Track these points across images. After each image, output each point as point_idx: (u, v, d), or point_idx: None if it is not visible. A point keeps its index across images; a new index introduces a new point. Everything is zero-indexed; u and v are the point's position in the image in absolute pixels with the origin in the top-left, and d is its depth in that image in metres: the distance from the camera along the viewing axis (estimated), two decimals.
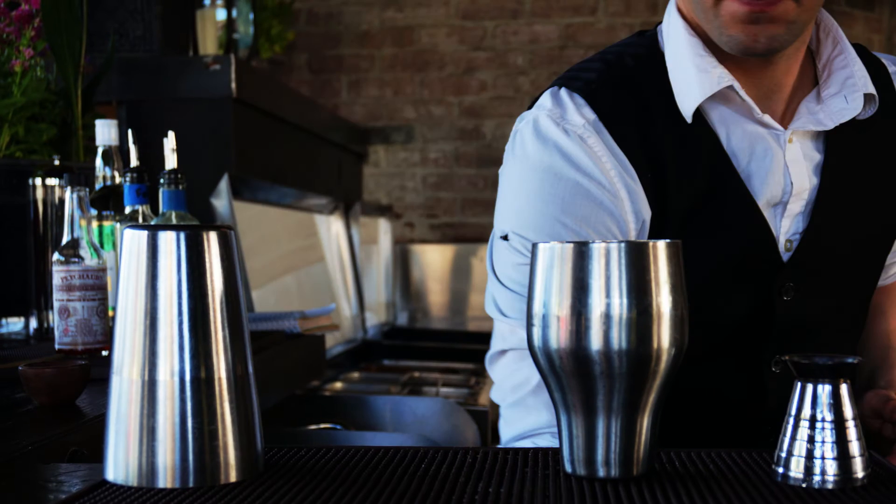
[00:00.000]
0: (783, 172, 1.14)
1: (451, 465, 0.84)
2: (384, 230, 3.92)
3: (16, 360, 1.29)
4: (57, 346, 1.40)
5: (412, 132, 4.48)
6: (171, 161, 1.54)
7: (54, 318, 1.41)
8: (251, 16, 3.07)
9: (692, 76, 1.12)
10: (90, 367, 1.17)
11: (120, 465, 0.80)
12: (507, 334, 1.19)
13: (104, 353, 1.41)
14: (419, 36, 4.49)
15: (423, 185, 4.52)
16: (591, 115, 1.14)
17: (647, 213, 1.13)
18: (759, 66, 1.14)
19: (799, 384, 0.79)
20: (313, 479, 0.81)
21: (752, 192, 1.14)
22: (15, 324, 1.76)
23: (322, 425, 2.14)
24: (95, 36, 2.23)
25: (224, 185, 2.19)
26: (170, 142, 1.55)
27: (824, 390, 0.77)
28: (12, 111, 1.81)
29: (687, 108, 1.13)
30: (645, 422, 0.80)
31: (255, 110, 2.42)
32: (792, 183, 1.14)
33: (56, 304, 1.40)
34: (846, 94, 1.15)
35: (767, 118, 1.14)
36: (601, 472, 0.80)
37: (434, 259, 4.15)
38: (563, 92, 1.17)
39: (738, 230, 1.14)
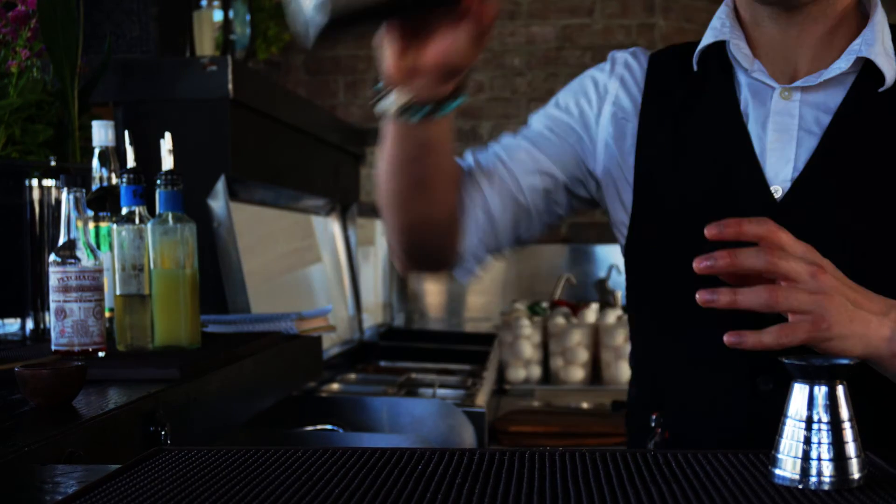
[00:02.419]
0: (766, 123, 1.22)
1: (448, 467, 0.85)
2: (381, 231, 3.92)
3: (12, 362, 1.29)
4: (53, 348, 1.40)
5: None
6: (167, 162, 1.54)
7: (51, 320, 1.41)
8: (248, 17, 3.07)
9: (708, 33, 1.28)
10: (87, 368, 1.17)
11: None
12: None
13: (101, 354, 1.41)
14: None
15: None
16: (644, 55, 1.35)
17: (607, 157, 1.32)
18: (779, 30, 1.24)
19: (795, 385, 0.79)
20: (310, 480, 0.81)
21: (751, 133, 1.23)
22: (11, 325, 1.76)
23: (319, 426, 2.14)
24: (92, 37, 2.23)
25: (221, 186, 2.19)
26: (166, 143, 1.55)
27: (821, 391, 0.78)
28: (8, 112, 1.81)
29: (694, 55, 1.28)
30: None
31: (251, 111, 2.42)
32: (774, 132, 1.21)
33: (52, 306, 1.40)
34: (846, 57, 1.20)
35: (759, 74, 1.24)
36: None
37: None
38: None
39: (731, 165, 1.23)
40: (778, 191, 1.20)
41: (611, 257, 4.03)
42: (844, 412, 0.78)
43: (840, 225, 1.18)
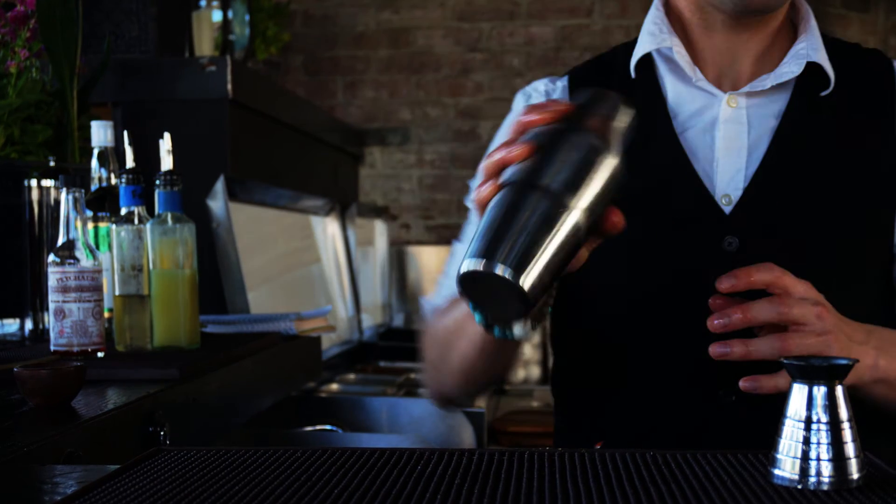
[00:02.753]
0: (714, 131, 1.20)
1: (448, 467, 0.85)
2: (380, 232, 3.92)
3: (11, 362, 1.29)
4: (52, 348, 1.40)
5: (408, 134, 4.48)
6: (166, 162, 1.53)
7: (50, 320, 1.41)
8: (247, 17, 3.07)
9: (643, 38, 1.24)
10: (86, 368, 1.17)
11: None
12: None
13: (100, 354, 1.41)
14: (415, 37, 4.49)
15: (419, 186, 4.52)
16: (561, 83, 1.30)
17: None
18: (724, 36, 1.22)
19: (794, 385, 0.79)
20: (309, 480, 0.81)
21: (686, 147, 1.20)
22: (10, 325, 1.76)
23: (318, 427, 2.14)
24: (91, 37, 2.23)
25: (220, 186, 2.19)
26: (165, 143, 1.55)
27: (820, 391, 0.78)
28: (8, 112, 1.81)
29: (631, 63, 1.24)
30: None
31: (251, 112, 2.42)
32: (723, 140, 1.20)
33: (51, 306, 1.40)
34: (792, 62, 1.20)
35: (704, 83, 1.21)
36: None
37: (430, 260, 4.14)
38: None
39: (674, 180, 1.21)
40: (729, 199, 1.18)
41: None
42: (843, 412, 0.78)
43: (794, 229, 1.18)
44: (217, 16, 2.84)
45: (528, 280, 0.83)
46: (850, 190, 1.19)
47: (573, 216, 0.85)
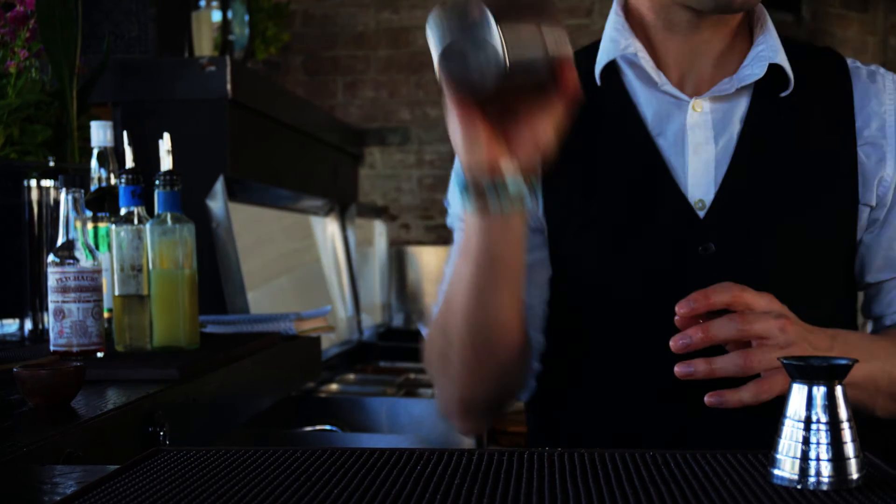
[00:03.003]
0: (683, 136, 1.20)
1: (447, 467, 0.85)
2: (380, 232, 3.92)
3: (11, 362, 1.29)
4: (52, 348, 1.40)
5: (408, 134, 4.48)
6: (166, 163, 1.53)
7: (49, 320, 1.41)
8: (246, 17, 3.07)
9: (606, 44, 1.24)
10: (85, 368, 1.17)
11: None
12: None
13: (99, 354, 1.41)
14: (415, 37, 4.49)
15: (418, 186, 4.52)
16: None
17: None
18: (686, 37, 1.21)
19: (794, 385, 0.79)
20: (308, 480, 0.81)
21: (661, 149, 1.20)
22: (10, 325, 1.76)
23: (318, 427, 2.14)
24: (91, 37, 2.23)
25: (220, 186, 2.19)
26: (165, 143, 1.55)
27: (819, 391, 0.78)
28: (7, 112, 1.81)
29: (596, 69, 1.23)
30: None
31: (250, 112, 2.42)
32: (692, 145, 1.19)
33: (51, 306, 1.40)
34: (754, 64, 1.20)
35: (669, 87, 1.20)
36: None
37: (430, 260, 4.14)
38: None
39: (647, 185, 1.20)
40: (703, 204, 1.19)
41: None
42: (843, 412, 0.78)
43: (765, 231, 1.19)
44: (217, 16, 2.84)
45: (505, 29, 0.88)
46: (814, 189, 1.20)
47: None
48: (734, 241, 1.18)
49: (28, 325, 1.74)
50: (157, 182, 1.52)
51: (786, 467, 0.78)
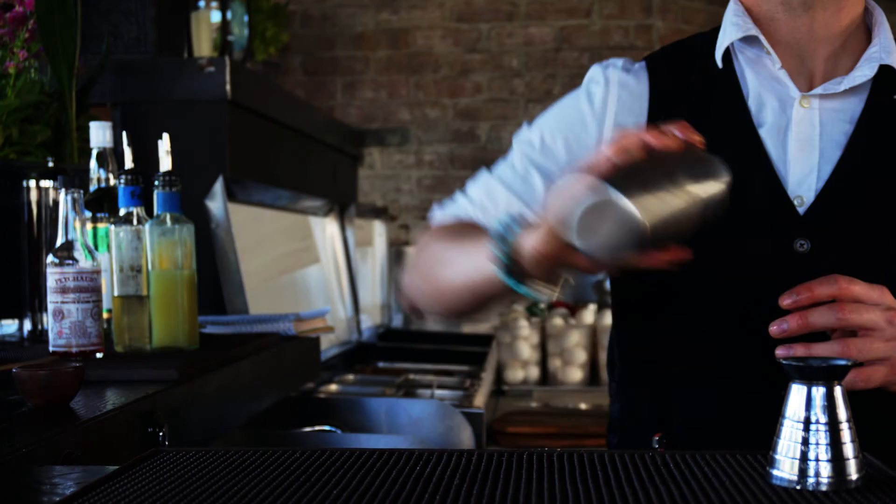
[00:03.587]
0: (786, 130, 1.20)
1: (447, 468, 0.85)
2: (379, 232, 3.92)
3: (10, 363, 1.29)
4: (51, 349, 1.40)
5: (407, 134, 4.48)
6: (165, 163, 1.53)
7: (48, 321, 1.41)
8: (246, 18, 3.07)
9: (726, 28, 1.24)
10: (84, 369, 1.17)
11: None
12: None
13: (98, 355, 1.41)
14: (414, 38, 4.49)
15: (417, 187, 4.52)
16: (639, 65, 1.29)
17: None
18: (795, 27, 1.22)
19: (793, 386, 0.79)
20: (307, 481, 0.81)
21: (763, 140, 1.20)
22: (9, 326, 1.76)
23: (317, 427, 2.14)
24: (90, 38, 2.22)
25: (219, 187, 2.19)
26: (164, 144, 1.55)
27: (818, 392, 0.78)
28: (6, 113, 1.81)
29: (717, 54, 1.24)
30: None
31: (249, 112, 2.42)
32: (796, 141, 1.19)
33: (50, 307, 1.40)
34: (865, 65, 1.20)
35: (782, 74, 1.21)
36: None
37: None
38: None
39: (749, 174, 1.19)
40: (802, 200, 1.19)
41: None
42: (842, 413, 0.78)
43: (866, 233, 1.18)
44: (216, 16, 2.84)
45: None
46: None
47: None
48: (831, 241, 1.17)
49: (27, 325, 1.73)
50: (156, 183, 1.52)
51: (785, 468, 0.78)
